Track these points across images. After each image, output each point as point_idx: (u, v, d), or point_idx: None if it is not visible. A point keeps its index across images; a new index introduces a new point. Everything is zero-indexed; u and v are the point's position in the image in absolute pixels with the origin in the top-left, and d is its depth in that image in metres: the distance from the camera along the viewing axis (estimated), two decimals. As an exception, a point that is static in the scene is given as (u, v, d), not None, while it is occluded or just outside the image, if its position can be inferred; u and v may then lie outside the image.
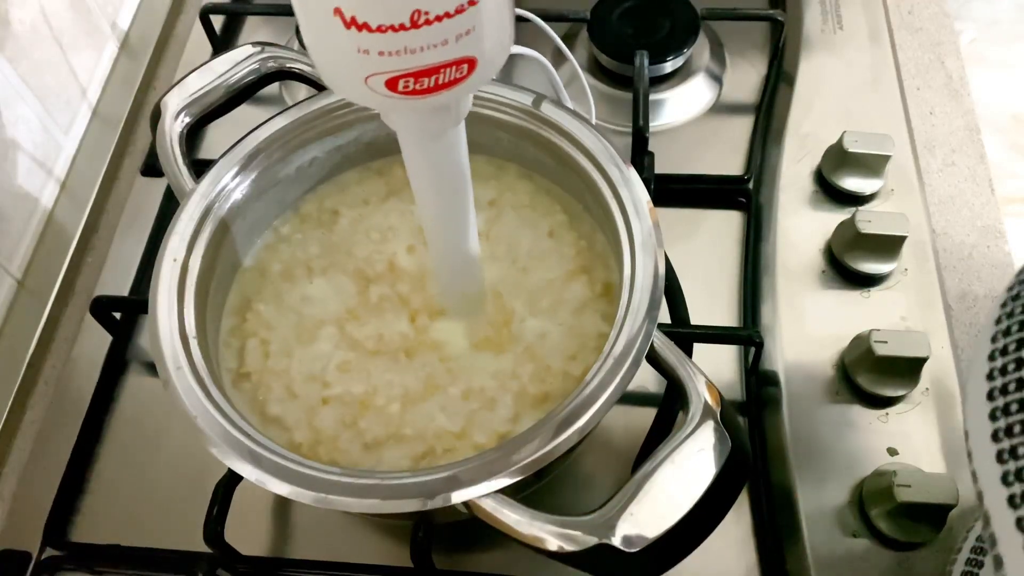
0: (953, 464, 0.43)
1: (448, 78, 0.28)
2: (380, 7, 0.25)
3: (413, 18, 0.25)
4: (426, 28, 0.26)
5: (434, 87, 0.28)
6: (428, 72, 0.27)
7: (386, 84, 0.27)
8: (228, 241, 0.44)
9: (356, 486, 0.34)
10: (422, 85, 0.27)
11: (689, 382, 0.36)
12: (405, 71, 0.27)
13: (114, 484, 0.50)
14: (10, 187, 0.55)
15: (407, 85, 0.27)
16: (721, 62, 0.64)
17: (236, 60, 0.46)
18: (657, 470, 0.32)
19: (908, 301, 0.48)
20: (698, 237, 0.56)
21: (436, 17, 0.26)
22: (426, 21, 0.25)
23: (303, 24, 0.28)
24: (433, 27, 0.26)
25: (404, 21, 0.25)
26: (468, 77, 0.28)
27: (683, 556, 0.32)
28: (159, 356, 0.37)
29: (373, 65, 0.27)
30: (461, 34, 0.27)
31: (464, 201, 0.37)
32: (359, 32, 0.26)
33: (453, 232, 0.38)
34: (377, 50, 0.26)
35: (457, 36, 0.26)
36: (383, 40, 0.26)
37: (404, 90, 0.27)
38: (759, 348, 0.48)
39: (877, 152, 0.51)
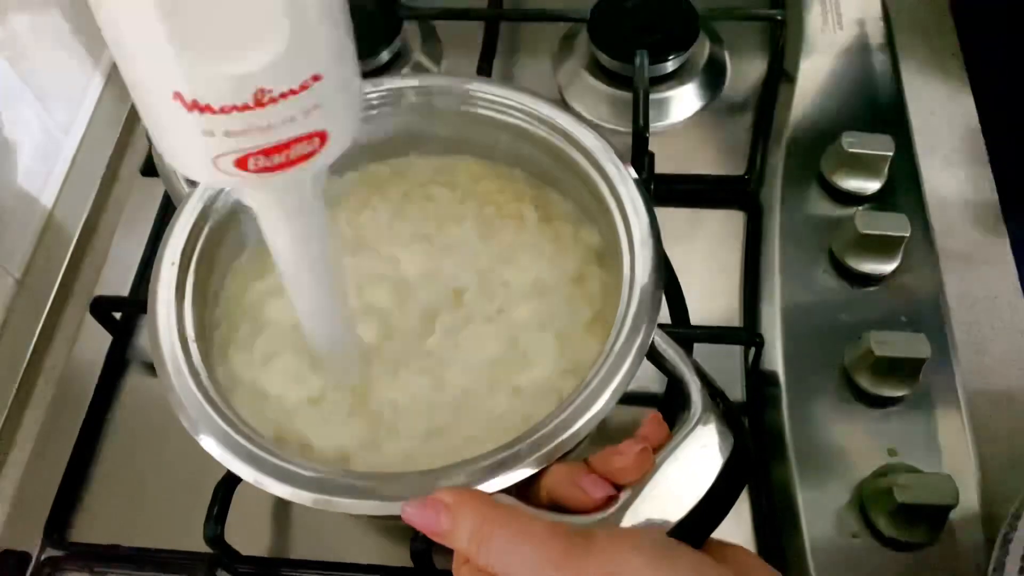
0: (953, 464, 0.43)
1: (300, 153, 0.27)
2: (222, 89, 0.24)
3: (257, 97, 0.25)
4: (272, 106, 0.25)
5: (286, 163, 0.27)
6: (279, 148, 0.26)
7: (235, 164, 0.26)
8: (227, 243, 0.44)
9: (356, 487, 0.34)
10: (273, 162, 0.27)
11: (690, 379, 0.36)
12: (254, 149, 0.26)
13: (114, 484, 0.50)
14: (10, 187, 0.55)
15: (257, 163, 0.27)
16: (721, 62, 0.64)
17: None
18: (660, 467, 0.32)
19: (908, 301, 0.48)
20: (698, 237, 0.56)
21: (281, 95, 0.25)
22: (271, 99, 0.25)
23: (141, 109, 0.27)
24: (279, 104, 0.25)
25: (248, 101, 0.25)
26: (321, 150, 0.27)
27: (686, 554, 0.32)
28: (159, 360, 0.37)
29: (220, 146, 0.26)
30: (309, 109, 0.26)
31: (324, 269, 0.35)
32: (202, 114, 0.25)
33: (319, 298, 0.37)
34: (223, 131, 0.25)
35: (305, 111, 0.26)
36: (228, 121, 0.25)
37: (255, 168, 0.27)
38: (759, 348, 0.48)
39: (877, 152, 0.51)
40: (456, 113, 0.45)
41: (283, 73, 0.25)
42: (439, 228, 0.46)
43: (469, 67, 0.62)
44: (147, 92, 0.26)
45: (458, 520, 0.30)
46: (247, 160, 0.26)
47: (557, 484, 0.33)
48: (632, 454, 0.32)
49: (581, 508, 0.32)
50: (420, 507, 0.31)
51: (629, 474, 0.32)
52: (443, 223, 0.46)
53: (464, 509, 0.30)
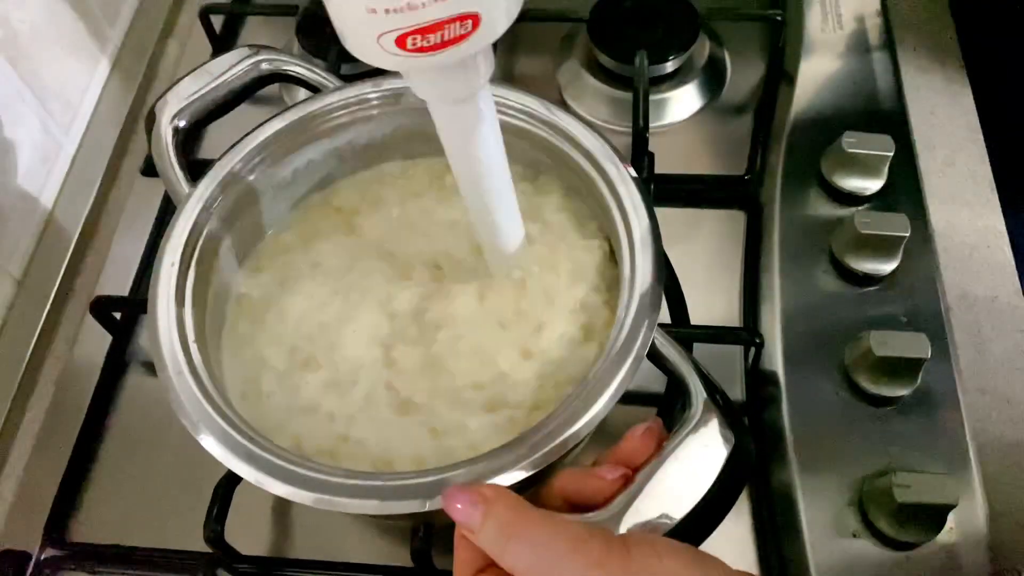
0: (953, 464, 0.43)
1: (453, 34, 0.29)
2: None
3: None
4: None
5: (440, 43, 0.29)
6: (433, 28, 0.28)
7: (396, 42, 0.29)
8: (226, 243, 0.44)
9: (356, 487, 0.34)
10: (428, 42, 0.29)
11: (691, 379, 0.36)
12: (411, 28, 0.28)
13: (114, 484, 0.50)
14: (10, 187, 0.55)
15: (415, 42, 0.29)
16: (721, 62, 0.64)
17: (231, 63, 0.46)
18: (661, 467, 0.32)
19: (908, 301, 0.48)
20: (698, 237, 0.56)
21: None
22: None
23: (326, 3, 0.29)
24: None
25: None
26: (473, 33, 0.29)
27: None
28: (160, 361, 0.37)
29: (381, 23, 0.28)
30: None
31: (498, 163, 0.37)
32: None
33: (488, 191, 0.39)
34: (383, 8, 0.28)
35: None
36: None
37: (413, 47, 0.29)
38: (759, 348, 0.48)
39: (877, 152, 0.51)
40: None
41: None
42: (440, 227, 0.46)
43: (469, 67, 0.62)
44: None
45: (490, 514, 0.29)
46: (406, 39, 0.29)
47: (569, 479, 0.33)
48: (638, 435, 0.33)
49: (596, 496, 0.32)
50: (463, 493, 0.30)
51: (638, 455, 0.32)
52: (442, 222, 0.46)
53: (498, 504, 0.30)
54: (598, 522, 0.31)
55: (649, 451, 0.33)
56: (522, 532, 0.29)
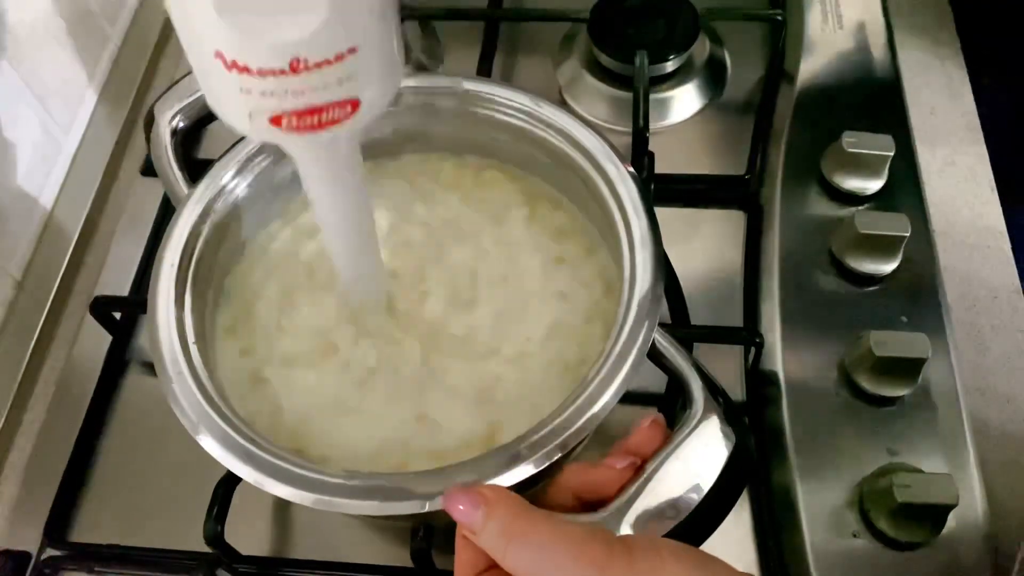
0: (953, 464, 0.43)
1: (331, 117, 0.28)
2: (260, 54, 0.26)
3: (293, 64, 0.26)
4: (306, 74, 0.26)
5: (317, 125, 0.28)
6: (311, 112, 0.28)
7: (270, 121, 0.28)
8: (227, 244, 0.44)
9: (356, 488, 0.34)
10: (305, 123, 0.28)
11: (691, 378, 0.36)
12: (288, 111, 0.28)
13: (114, 484, 0.50)
14: (10, 187, 0.55)
15: (290, 123, 0.28)
16: (721, 62, 0.64)
17: None
18: (663, 466, 0.32)
19: (908, 301, 0.48)
20: (698, 237, 0.56)
21: (316, 64, 0.26)
22: (306, 67, 0.26)
23: (191, 60, 0.29)
24: (314, 73, 0.26)
25: (284, 67, 0.26)
26: (352, 116, 0.29)
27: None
28: (159, 361, 0.37)
29: (256, 103, 0.28)
30: (343, 78, 0.27)
31: (359, 212, 0.37)
32: (240, 74, 0.26)
33: (350, 243, 0.39)
34: (259, 91, 0.27)
35: (339, 80, 0.27)
36: (264, 83, 0.27)
37: (288, 127, 0.28)
38: (759, 348, 0.48)
39: (877, 152, 0.51)
40: (456, 113, 0.45)
41: (320, 44, 0.26)
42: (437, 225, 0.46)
43: (469, 67, 0.62)
44: (193, 48, 0.27)
45: (491, 515, 0.29)
46: (280, 119, 0.28)
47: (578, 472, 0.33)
48: (646, 427, 0.33)
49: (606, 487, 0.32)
50: (464, 494, 0.30)
51: (647, 446, 0.33)
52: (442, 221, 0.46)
53: (499, 505, 0.30)
54: (599, 522, 0.31)
55: (657, 442, 0.33)
56: (524, 533, 0.29)
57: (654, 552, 0.28)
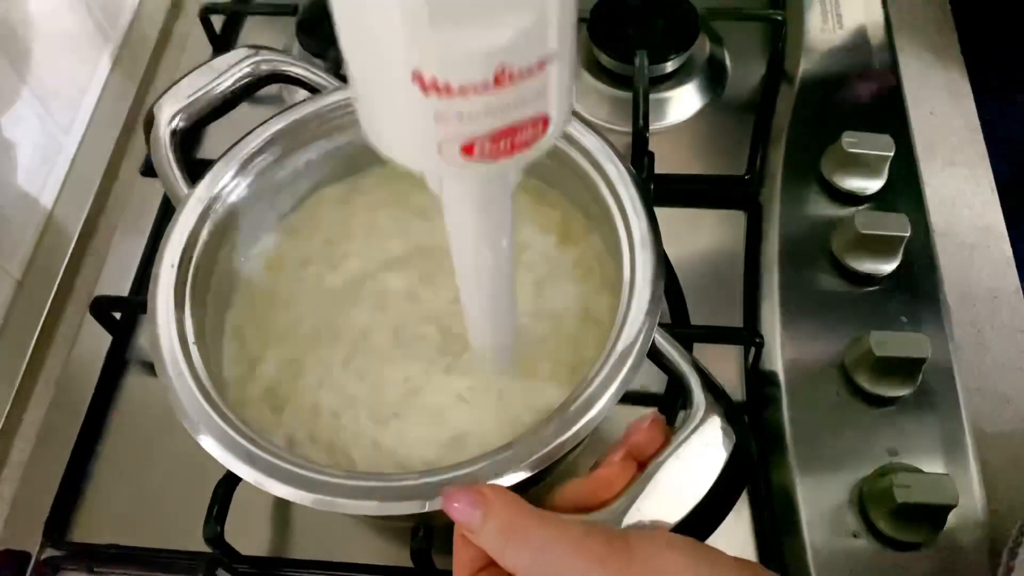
0: (953, 464, 0.43)
1: (523, 138, 0.26)
2: (465, 65, 0.23)
3: (497, 75, 0.23)
4: (509, 86, 0.23)
5: (509, 149, 0.26)
6: (507, 133, 0.25)
7: (461, 150, 0.25)
8: (227, 244, 0.44)
9: (356, 488, 0.34)
10: (499, 148, 0.25)
11: (692, 378, 0.36)
12: (483, 134, 0.25)
13: (114, 484, 0.50)
14: (10, 187, 0.55)
15: (483, 150, 0.25)
16: (721, 62, 0.64)
17: (229, 64, 0.46)
18: (663, 466, 0.32)
19: (908, 301, 0.48)
20: (698, 237, 0.56)
21: (520, 73, 0.23)
22: (510, 78, 0.23)
23: (363, 92, 0.25)
24: (516, 84, 0.24)
25: (488, 79, 0.23)
26: (542, 136, 0.26)
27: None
28: (159, 362, 0.37)
29: (449, 131, 0.24)
30: (540, 90, 0.24)
31: (503, 264, 0.34)
32: (439, 96, 0.23)
33: (491, 293, 0.36)
34: (455, 113, 0.24)
35: (536, 93, 0.24)
36: (463, 103, 0.23)
37: (480, 155, 0.25)
38: (759, 348, 0.48)
39: (877, 152, 0.51)
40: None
41: (526, 48, 0.23)
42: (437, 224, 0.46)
43: (469, 67, 0.62)
44: (378, 71, 0.24)
45: (490, 515, 0.29)
46: (473, 146, 0.25)
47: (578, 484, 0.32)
48: (645, 427, 0.33)
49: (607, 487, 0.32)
50: (463, 494, 0.30)
51: (648, 447, 0.32)
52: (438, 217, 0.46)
53: (497, 505, 0.29)
54: (600, 521, 0.31)
55: (658, 442, 0.33)
56: (522, 531, 0.29)
57: (653, 544, 0.28)
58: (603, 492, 0.32)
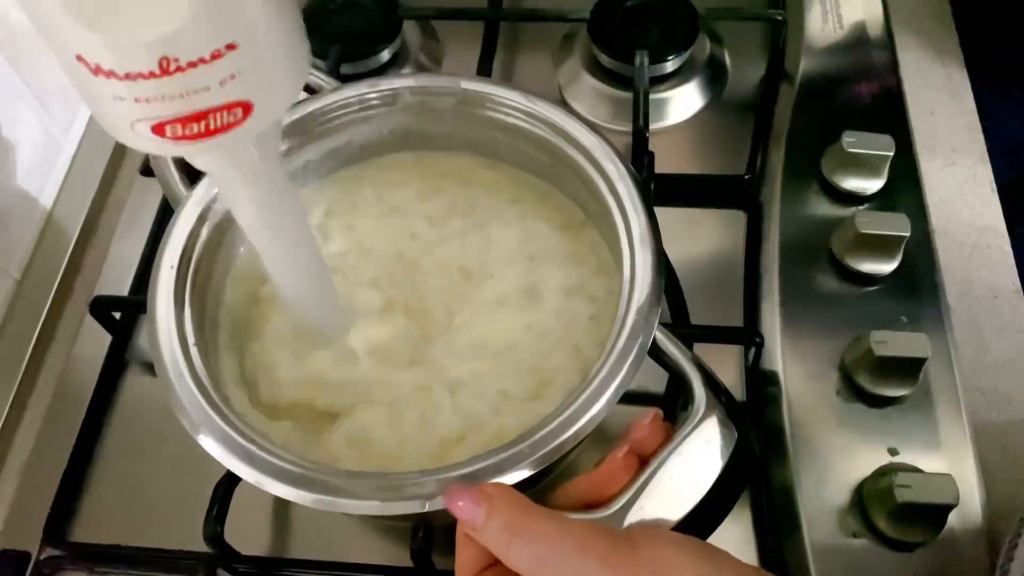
0: (953, 464, 0.43)
1: (220, 123, 0.26)
2: (122, 55, 0.23)
3: (162, 65, 0.23)
4: (180, 75, 0.24)
5: (206, 132, 0.26)
6: (194, 118, 0.25)
7: (152, 130, 0.25)
8: (226, 244, 0.44)
9: (356, 488, 0.34)
10: (192, 131, 0.26)
11: (693, 375, 0.36)
12: (168, 118, 0.25)
13: (114, 484, 0.50)
14: (10, 187, 0.55)
15: (175, 131, 0.25)
16: (721, 62, 0.64)
17: None
18: (665, 463, 0.32)
19: (908, 301, 0.48)
20: (698, 237, 0.56)
21: (189, 64, 0.24)
22: (178, 68, 0.23)
23: (62, 66, 0.25)
24: (188, 73, 0.24)
25: (153, 68, 0.23)
26: (245, 121, 0.26)
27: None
28: (159, 363, 0.37)
29: (133, 112, 0.25)
30: (225, 79, 0.25)
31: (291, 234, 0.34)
32: (107, 79, 0.24)
33: (289, 264, 0.36)
34: (132, 97, 0.24)
35: (220, 81, 0.25)
36: (135, 87, 0.24)
37: (173, 136, 0.26)
38: (759, 348, 0.48)
39: (877, 152, 0.51)
40: (455, 113, 0.45)
41: (189, 42, 0.23)
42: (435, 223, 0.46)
43: (469, 67, 0.62)
44: (57, 52, 0.25)
45: (493, 513, 0.29)
46: (163, 127, 0.25)
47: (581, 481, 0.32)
48: (647, 424, 0.33)
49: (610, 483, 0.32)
50: (466, 492, 0.30)
51: (649, 444, 0.32)
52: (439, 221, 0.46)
53: (501, 502, 0.29)
54: (603, 519, 0.31)
55: (659, 439, 0.33)
56: (526, 530, 0.29)
57: (657, 543, 0.28)
58: (606, 489, 0.32)
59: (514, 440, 0.34)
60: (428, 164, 0.48)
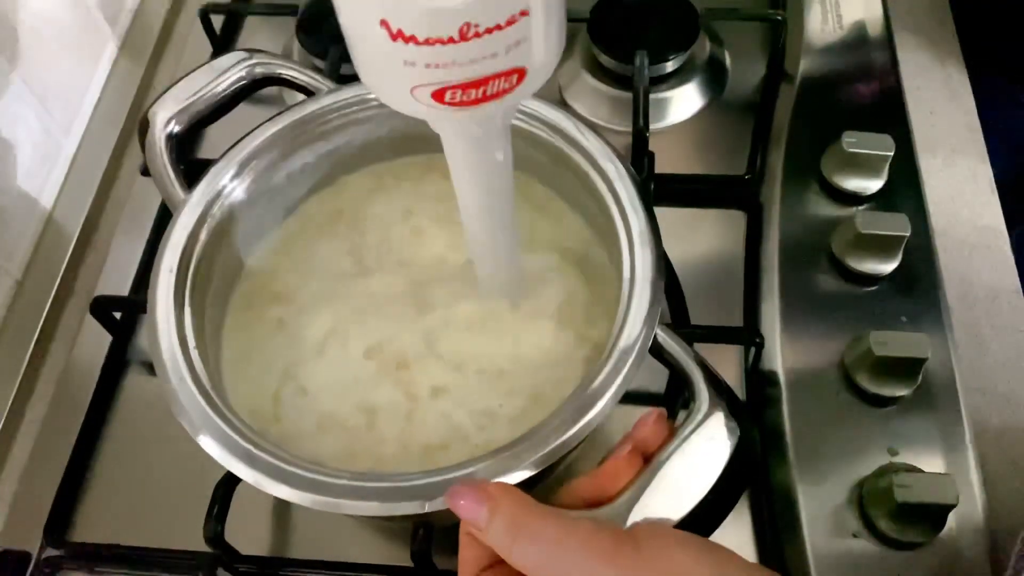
0: (953, 464, 0.43)
1: (496, 89, 0.27)
2: (428, 20, 0.24)
3: (462, 31, 0.24)
4: (476, 40, 0.25)
5: (482, 98, 0.27)
6: (476, 84, 0.26)
7: (432, 95, 0.27)
8: (225, 247, 0.44)
9: (356, 488, 0.34)
10: (469, 96, 0.27)
11: (695, 373, 0.36)
12: (453, 83, 0.26)
13: (114, 484, 0.50)
14: (10, 187, 0.55)
15: (454, 96, 0.27)
16: (721, 62, 0.64)
17: (224, 67, 0.45)
18: (668, 461, 0.32)
19: (908, 301, 0.48)
20: (698, 237, 0.56)
21: (487, 30, 0.24)
22: (475, 34, 0.24)
23: (347, 32, 0.27)
24: (483, 39, 0.25)
25: (453, 34, 0.24)
26: (517, 87, 0.27)
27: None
28: (160, 367, 0.37)
29: (419, 77, 0.26)
30: (511, 45, 0.25)
31: (506, 196, 0.36)
32: (406, 44, 0.25)
33: (493, 227, 0.37)
34: (424, 62, 0.25)
35: (507, 48, 0.25)
36: (430, 53, 0.25)
37: (451, 101, 0.27)
38: (759, 348, 0.48)
39: (877, 152, 0.51)
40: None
41: (492, 8, 0.24)
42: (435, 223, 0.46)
43: (469, 67, 0.62)
44: (355, 17, 0.26)
45: (497, 512, 0.29)
46: (444, 93, 0.26)
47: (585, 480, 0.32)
48: (651, 421, 0.33)
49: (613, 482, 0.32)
50: (469, 492, 0.30)
51: (653, 441, 0.33)
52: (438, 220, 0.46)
53: (504, 502, 0.29)
54: (606, 517, 0.31)
55: (662, 437, 0.33)
56: (530, 529, 0.29)
57: (660, 541, 0.28)
58: (609, 486, 0.32)
59: (515, 440, 0.34)
60: (427, 168, 0.48)
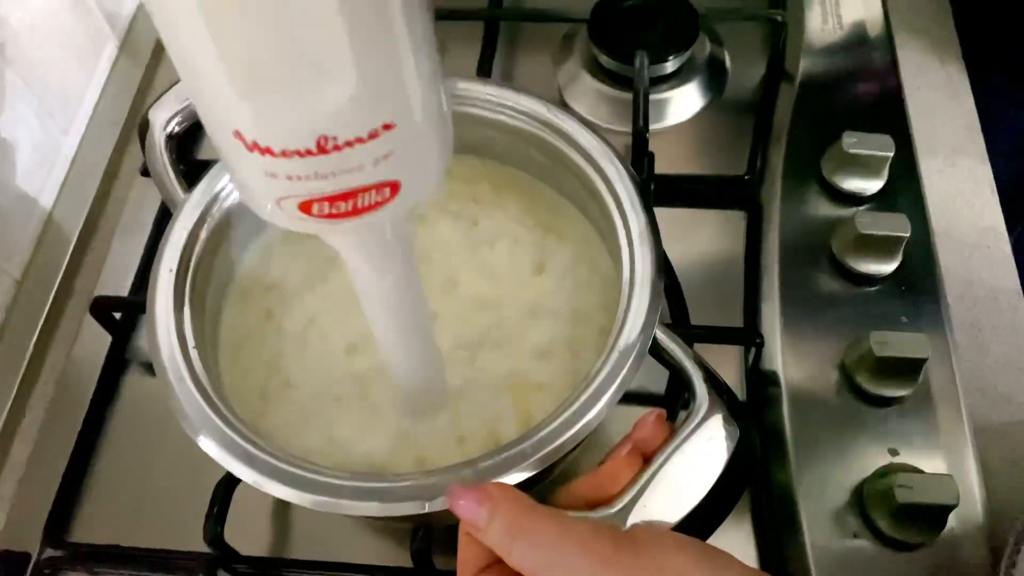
0: (953, 464, 0.43)
1: (368, 202, 0.25)
2: (282, 133, 0.23)
3: (320, 144, 0.23)
4: (337, 153, 0.23)
5: (352, 211, 0.25)
6: (344, 196, 0.25)
7: (299, 208, 0.25)
8: (225, 247, 0.44)
9: (356, 489, 0.34)
10: (339, 209, 0.25)
11: (694, 373, 0.36)
12: (317, 196, 0.25)
13: (114, 484, 0.50)
14: (10, 187, 0.55)
15: (322, 209, 0.25)
16: (721, 62, 0.64)
17: None
18: (668, 461, 0.32)
19: (908, 301, 0.48)
20: (698, 237, 0.56)
21: (347, 143, 0.23)
22: (336, 147, 0.23)
23: (213, 142, 0.26)
24: (344, 152, 0.23)
25: (310, 147, 0.23)
26: (392, 200, 0.26)
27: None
28: (160, 368, 0.37)
29: (283, 188, 0.25)
30: (379, 158, 0.24)
31: (413, 309, 0.34)
32: (263, 156, 0.23)
33: (404, 340, 0.36)
34: (285, 174, 0.24)
35: (375, 160, 0.24)
36: (289, 165, 0.24)
37: (320, 214, 0.25)
38: (759, 348, 0.48)
39: (877, 152, 0.51)
40: (454, 113, 0.45)
41: (349, 121, 0.23)
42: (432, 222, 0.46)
43: (469, 67, 0.62)
44: (210, 127, 0.25)
45: (496, 512, 0.29)
46: (311, 205, 0.25)
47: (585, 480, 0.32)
48: (651, 422, 0.33)
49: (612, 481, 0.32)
50: (468, 492, 0.30)
51: (652, 441, 0.33)
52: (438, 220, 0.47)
53: (503, 502, 0.29)
54: (605, 518, 0.31)
55: (661, 438, 0.33)
56: (529, 530, 0.29)
57: (659, 545, 0.28)
58: (609, 487, 0.32)
59: (515, 440, 0.34)
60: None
